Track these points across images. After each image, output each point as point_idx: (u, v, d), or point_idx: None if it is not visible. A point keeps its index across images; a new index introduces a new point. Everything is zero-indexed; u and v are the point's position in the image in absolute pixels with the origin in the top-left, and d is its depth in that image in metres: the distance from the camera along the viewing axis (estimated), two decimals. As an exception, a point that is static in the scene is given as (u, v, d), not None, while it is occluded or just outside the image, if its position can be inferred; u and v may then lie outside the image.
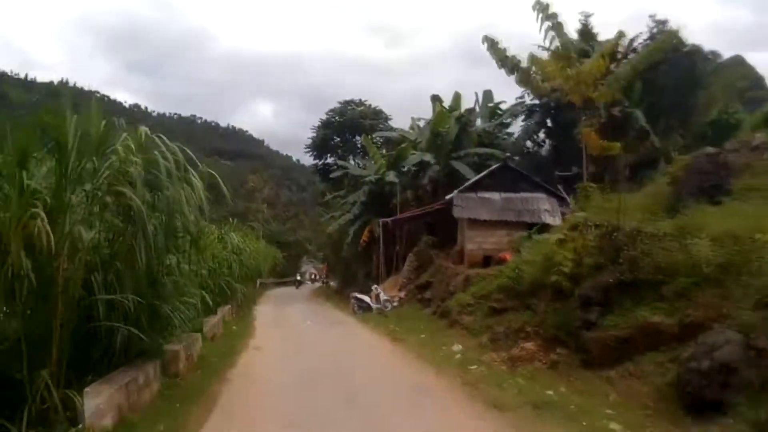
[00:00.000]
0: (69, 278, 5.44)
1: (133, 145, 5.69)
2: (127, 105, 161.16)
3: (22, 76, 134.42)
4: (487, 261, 17.00)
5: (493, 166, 19.53)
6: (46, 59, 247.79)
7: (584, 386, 8.06)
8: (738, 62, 49.38)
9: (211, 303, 11.43)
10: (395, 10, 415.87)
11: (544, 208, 17.63)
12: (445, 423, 6.50)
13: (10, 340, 5.46)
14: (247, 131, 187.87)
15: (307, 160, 38.88)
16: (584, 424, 6.15)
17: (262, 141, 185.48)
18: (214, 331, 12.19)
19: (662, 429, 6.19)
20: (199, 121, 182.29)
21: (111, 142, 5.68)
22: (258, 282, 30.38)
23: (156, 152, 5.85)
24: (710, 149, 12.51)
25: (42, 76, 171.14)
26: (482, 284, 14.59)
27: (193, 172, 6.53)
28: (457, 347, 11.73)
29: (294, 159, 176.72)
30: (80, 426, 5.08)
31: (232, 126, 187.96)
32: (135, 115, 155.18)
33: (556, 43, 11.43)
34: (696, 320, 7.51)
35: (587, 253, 9.43)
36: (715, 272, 7.76)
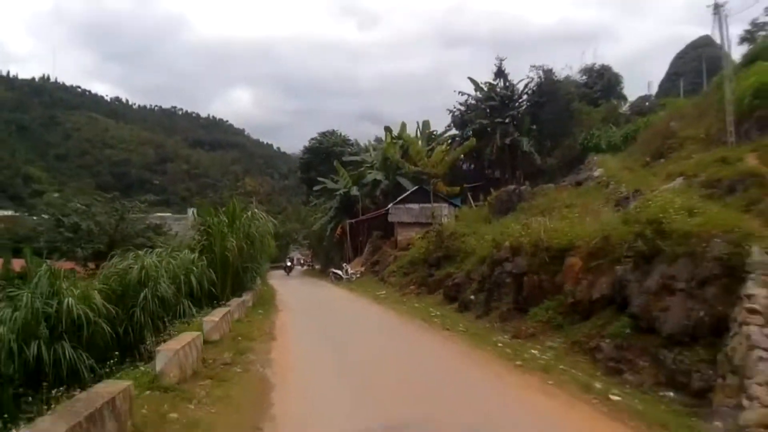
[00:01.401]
0: (233, 259, 16.76)
1: (251, 213, 17.07)
2: (108, 99, 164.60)
3: (4, 72, 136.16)
4: (409, 247, 28.50)
5: (414, 188, 31.17)
6: (22, 52, 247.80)
7: (422, 300, 19.61)
8: (706, 43, 50.35)
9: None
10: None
11: (444, 214, 29.12)
12: (359, 305, 18.15)
13: (214, 281, 16.71)
14: (227, 121, 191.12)
15: (288, 147, 48.74)
16: (405, 305, 17.71)
17: (243, 130, 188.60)
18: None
19: (437, 307, 17.71)
20: (180, 113, 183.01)
21: (245, 211, 17.11)
22: (261, 265, 41.65)
23: (258, 215, 17.22)
24: (511, 186, 24.16)
25: (23, 72, 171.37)
26: (402, 260, 26.15)
27: (271, 220, 17.84)
28: (381, 292, 23.24)
29: (275, 147, 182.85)
30: (247, 302, 16.46)
31: (213, 116, 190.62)
32: (117, 108, 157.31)
33: (414, 150, 23.03)
34: (464, 271, 19.10)
35: (431, 243, 21.02)
36: (472, 251, 19.31)
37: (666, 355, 7.53)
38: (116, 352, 10.84)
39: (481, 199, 29.22)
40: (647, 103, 42.30)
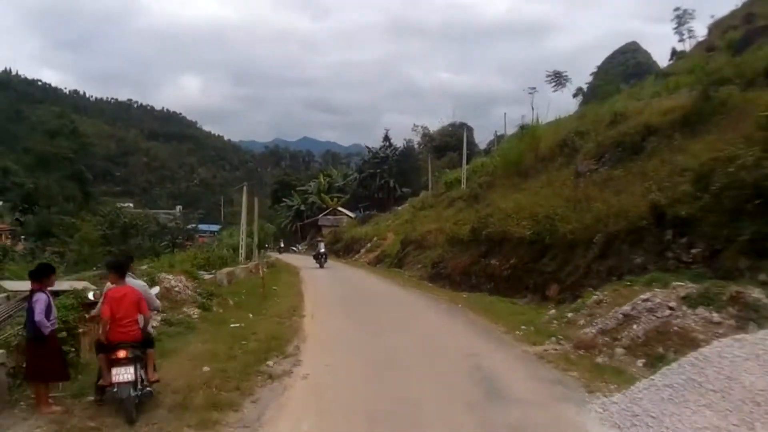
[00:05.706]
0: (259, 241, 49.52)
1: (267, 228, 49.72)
2: (67, 92, 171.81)
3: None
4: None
5: (329, 209, 64.40)
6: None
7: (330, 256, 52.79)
8: (633, 48, 57.37)
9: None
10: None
11: (344, 222, 62.26)
12: (305, 258, 51.57)
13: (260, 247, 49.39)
14: (180, 113, 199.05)
15: (237, 135, 77.00)
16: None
17: (195, 122, 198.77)
18: (262, 254, 56.22)
19: (334, 258, 51.00)
20: (135, 105, 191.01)
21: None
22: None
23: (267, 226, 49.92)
24: (367, 212, 57.46)
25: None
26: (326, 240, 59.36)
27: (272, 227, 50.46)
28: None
29: (225, 138, 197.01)
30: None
31: (167, 109, 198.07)
32: (76, 101, 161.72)
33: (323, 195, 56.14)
34: (341, 244, 52.53)
35: (333, 235, 54.51)
36: (345, 239, 52.56)
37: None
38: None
39: (369, 212, 62.77)
40: (494, 144, 72.96)
